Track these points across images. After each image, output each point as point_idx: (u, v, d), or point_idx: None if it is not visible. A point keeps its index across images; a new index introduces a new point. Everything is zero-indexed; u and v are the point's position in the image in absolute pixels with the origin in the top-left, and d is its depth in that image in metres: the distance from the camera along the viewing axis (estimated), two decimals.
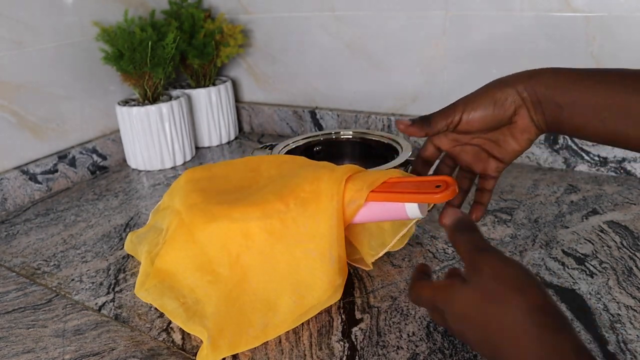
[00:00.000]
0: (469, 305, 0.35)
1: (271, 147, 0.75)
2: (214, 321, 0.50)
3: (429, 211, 0.53)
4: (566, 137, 0.81)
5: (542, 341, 0.31)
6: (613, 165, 0.80)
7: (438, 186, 0.47)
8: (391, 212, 0.50)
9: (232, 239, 0.52)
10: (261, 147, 0.76)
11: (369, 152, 0.78)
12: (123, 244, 0.69)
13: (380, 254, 0.60)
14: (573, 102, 0.41)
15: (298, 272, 0.52)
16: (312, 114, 1.04)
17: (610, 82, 0.41)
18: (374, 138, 0.77)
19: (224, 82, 1.06)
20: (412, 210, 0.48)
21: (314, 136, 0.79)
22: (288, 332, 0.51)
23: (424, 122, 0.47)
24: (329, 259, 0.51)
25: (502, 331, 0.33)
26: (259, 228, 0.52)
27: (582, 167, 0.82)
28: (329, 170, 0.53)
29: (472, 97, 0.45)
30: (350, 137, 0.80)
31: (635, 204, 0.70)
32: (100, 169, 0.97)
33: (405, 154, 0.67)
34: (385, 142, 0.75)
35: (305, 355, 0.48)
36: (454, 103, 0.46)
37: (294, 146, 0.76)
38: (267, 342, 0.50)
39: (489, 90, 0.45)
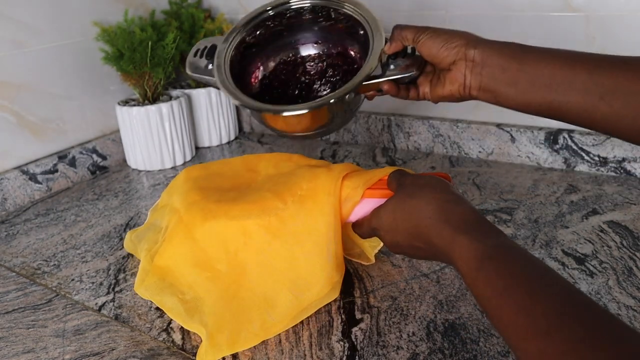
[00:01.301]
0: (395, 210, 0.45)
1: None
2: (213, 318, 0.50)
3: None
4: (566, 136, 0.82)
5: (445, 209, 0.41)
6: (613, 165, 0.80)
7: None
8: None
9: (231, 236, 0.53)
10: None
11: (331, 28, 0.67)
12: (123, 244, 0.69)
13: (381, 245, 0.60)
14: (519, 67, 0.46)
15: (296, 268, 0.52)
16: None
17: (558, 58, 0.44)
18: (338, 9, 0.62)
19: None
20: None
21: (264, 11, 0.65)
22: (288, 332, 0.51)
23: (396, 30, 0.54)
24: (326, 255, 0.52)
25: (419, 215, 0.42)
26: (257, 225, 0.52)
27: (582, 167, 0.82)
28: (326, 169, 0.54)
29: (436, 31, 0.51)
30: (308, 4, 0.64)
31: (635, 204, 0.70)
32: (100, 169, 0.97)
33: (378, 45, 0.56)
34: (354, 15, 0.61)
35: (305, 355, 0.48)
36: (423, 27, 0.52)
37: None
38: (267, 341, 0.50)
39: (452, 37, 0.50)
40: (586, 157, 0.81)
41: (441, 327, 0.50)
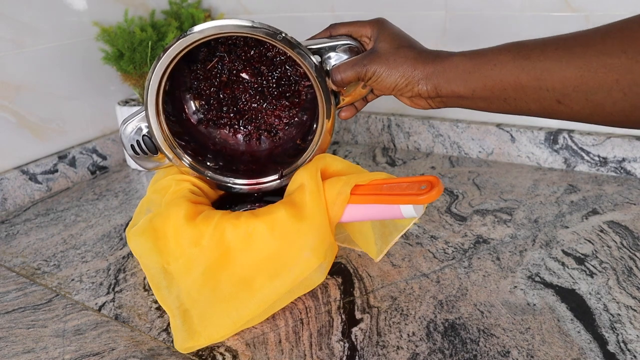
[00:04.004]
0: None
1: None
2: (190, 295, 0.51)
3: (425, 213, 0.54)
4: (566, 136, 0.82)
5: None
6: (613, 165, 0.80)
7: (423, 187, 0.48)
8: (385, 213, 0.51)
9: (222, 215, 0.53)
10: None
11: None
12: (123, 244, 0.69)
13: (388, 248, 0.61)
14: (470, 95, 0.45)
15: (277, 255, 0.52)
16: None
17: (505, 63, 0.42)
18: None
19: None
20: (408, 211, 0.49)
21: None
22: (288, 331, 0.51)
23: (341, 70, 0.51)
24: (308, 241, 0.51)
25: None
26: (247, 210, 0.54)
27: (582, 167, 0.82)
28: (304, 167, 0.57)
29: (379, 76, 0.49)
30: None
31: (635, 204, 0.70)
32: (100, 169, 0.97)
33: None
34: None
35: (305, 355, 0.48)
36: (369, 62, 0.49)
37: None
38: (267, 341, 0.50)
39: (399, 78, 0.48)
40: (586, 157, 0.81)
41: (441, 327, 0.50)
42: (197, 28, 0.50)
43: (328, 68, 0.53)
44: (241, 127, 0.65)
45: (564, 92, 0.38)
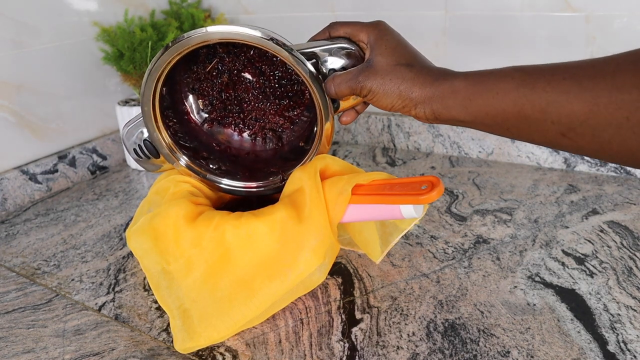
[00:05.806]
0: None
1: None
2: (190, 296, 0.51)
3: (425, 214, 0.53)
4: None
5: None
6: (613, 165, 0.80)
7: (424, 187, 0.48)
8: (385, 213, 0.51)
9: (223, 216, 0.53)
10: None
11: None
12: (123, 244, 0.69)
13: (388, 249, 0.61)
14: (471, 121, 0.43)
15: (278, 255, 0.52)
16: None
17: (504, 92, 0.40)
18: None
19: None
20: (408, 211, 0.49)
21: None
22: (288, 331, 0.51)
23: (336, 82, 0.50)
24: (310, 242, 0.51)
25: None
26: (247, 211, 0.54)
27: (582, 167, 0.82)
28: (301, 167, 0.56)
29: (375, 94, 0.47)
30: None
31: (635, 204, 0.70)
32: (100, 169, 0.97)
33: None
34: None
35: (305, 355, 0.48)
36: (365, 79, 0.47)
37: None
38: (267, 341, 0.50)
39: (395, 99, 0.46)
40: (586, 157, 0.81)
41: (441, 327, 0.50)
42: (181, 38, 0.49)
43: (325, 71, 0.52)
44: (246, 127, 0.65)
45: (569, 126, 0.36)
